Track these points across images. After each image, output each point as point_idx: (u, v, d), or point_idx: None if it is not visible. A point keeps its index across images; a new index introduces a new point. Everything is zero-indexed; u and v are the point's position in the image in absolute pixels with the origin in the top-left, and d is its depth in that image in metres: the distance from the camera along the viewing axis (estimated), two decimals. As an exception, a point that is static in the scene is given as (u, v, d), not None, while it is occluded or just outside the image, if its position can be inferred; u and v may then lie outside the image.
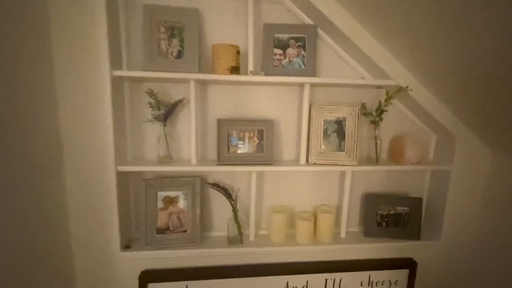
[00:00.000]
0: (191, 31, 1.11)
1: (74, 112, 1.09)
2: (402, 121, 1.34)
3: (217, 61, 1.09)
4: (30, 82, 0.94)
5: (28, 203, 0.92)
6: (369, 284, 1.31)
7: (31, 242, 0.94)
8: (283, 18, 1.20)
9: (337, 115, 1.23)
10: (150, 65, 1.08)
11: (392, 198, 1.35)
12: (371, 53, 1.13)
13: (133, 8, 1.12)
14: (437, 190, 1.35)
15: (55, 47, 1.04)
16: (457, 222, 1.32)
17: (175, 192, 1.21)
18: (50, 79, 1.04)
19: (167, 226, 1.21)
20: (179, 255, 1.20)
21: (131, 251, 1.16)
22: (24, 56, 0.91)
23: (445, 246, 1.34)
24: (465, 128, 1.24)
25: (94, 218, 1.16)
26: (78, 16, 1.03)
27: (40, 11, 0.98)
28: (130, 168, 1.11)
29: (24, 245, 0.91)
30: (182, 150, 1.25)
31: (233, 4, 1.17)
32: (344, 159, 1.22)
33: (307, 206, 1.37)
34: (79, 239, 1.17)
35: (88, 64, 1.06)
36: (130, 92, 1.17)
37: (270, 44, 1.17)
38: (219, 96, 1.23)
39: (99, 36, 1.02)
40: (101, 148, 1.11)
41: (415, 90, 1.17)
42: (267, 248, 1.24)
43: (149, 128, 1.20)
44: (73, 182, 1.13)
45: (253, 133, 1.21)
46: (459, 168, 1.27)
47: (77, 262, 1.18)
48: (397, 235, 1.33)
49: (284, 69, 1.18)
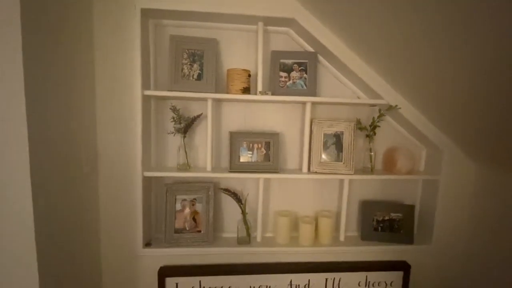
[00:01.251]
0: (210, 57, 1.30)
1: (109, 125, 1.27)
2: (395, 135, 1.49)
3: (231, 83, 1.28)
4: (77, 100, 1.13)
5: (68, 205, 1.07)
6: (366, 285, 1.42)
7: (66, 239, 1.08)
8: (288, 46, 1.39)
9: (335, 129, 1.40)
10: (175, 86, 1.26)
11: (387, 205, 1.49)
12: (363, 76, 1.31)
13: (161, 37, 1.32)
14: (428, 198, 1.48)
15: (98, 69, 1.24)
16: (446, 227, 1.44)
17: (191, 196, 1.37)
18: (92, 98, 1.23)
19: (184, 226, 1.35)
20: (193, 253, 1.34)
21: (152, 248, 1.30)
22: (74, 77, 1.10)
23: (436, 250, 1.45)
24: (450, 143, 1.39)
25: (120, 218, 1.32)
26: (118, 42, 1.23)
27: (86, 36, 1.18)
28: (155, 174, 1.28)
29: (61, 240, 1.04)
30: (198, 159, 1.41)
31: (245, 35, 1.37)
32: (342, 169, 1.37)
33: (309, 211, 1.51)
34: (107, 237, 1.32)
35: (123, 85, 1.26)
36: (155, 108, 1.36)
37: (277, 68, 1.35)
38: (231, 112, 1.41)
39: (134, 60, 1.21)
40: (130, 156, 1.29)
41: (404, 109, 1.33)
42: (272, 248, 1.37)
43: (170, 139, 1.38)
44: (104, 186, 1.30)
45: (261, 144, 1.38)
46: (446, 178, 1.41)
47: (103, 257, 1.33)
48: (392, 239, 1.45)
49: (289, 90, 1.36)
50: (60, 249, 1.03)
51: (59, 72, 1.00)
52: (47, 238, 0.94)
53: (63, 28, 1.01)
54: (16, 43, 0.79)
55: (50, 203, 0.96)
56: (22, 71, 0.80)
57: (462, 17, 0.74)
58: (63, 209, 1.04)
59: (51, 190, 0.97)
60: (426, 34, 0.90)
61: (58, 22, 0.98)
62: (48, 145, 0.95)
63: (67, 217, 1.07)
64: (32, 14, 0.84)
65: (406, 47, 1.03)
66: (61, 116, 1.02)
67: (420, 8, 0.82)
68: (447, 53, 0.91)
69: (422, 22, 0.86)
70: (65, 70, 1.03)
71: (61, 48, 1.00)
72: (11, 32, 0.78)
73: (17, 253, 0.87)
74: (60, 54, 1.00)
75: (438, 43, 0.89)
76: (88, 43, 1.19)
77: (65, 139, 1.04)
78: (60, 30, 0.99)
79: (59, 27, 0.99)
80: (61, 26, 1.00)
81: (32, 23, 0.83)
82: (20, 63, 0.80)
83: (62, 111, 1.02)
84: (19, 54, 0.79)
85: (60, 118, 1.01)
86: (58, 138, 1.00)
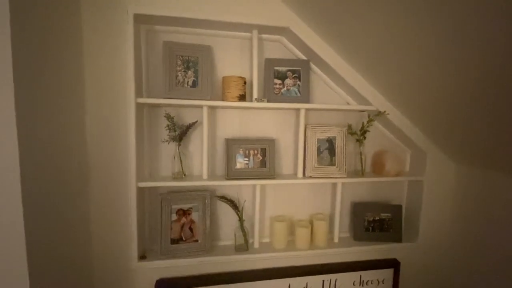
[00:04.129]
0: (204, 64, 1.29)
1: (100, 133, 1.21)
2: (381, 139, 1.57)
3: (227, 90, 1.27)
4: (66, 106, 1.06)
5: (57, 216, 1.00)
6: (360, 284, 1.48)
7: (55, 252, 1.00)
8: (281, 54, 1.41)
9: (328, 134, 1.44)
10: (170, 93, 1.24)
11: (377, 205, 1.55)
12: (354, 83, 1.36)
13: (153, 43, 1.29)
14: (414, 198, 1.57)
15: (87, 76, 1.17)
16: (431, 225, 1.54)
17: (187, 205, 1.34)
18: (81, 105, 1.17)
19: (180, 237, 1.32)
20: (191, 263, 1.30)
21: (148, 261, 1.26)
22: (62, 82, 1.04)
23: (422, 247, 1.54)
24: (433, 145, 1.49)
25: (112, 231, 1.26)
26: (108, 48, 1.18)
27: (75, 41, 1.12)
28: (150, 184, 1.24)
29: (50, 253, 0.97)
30: (192, 167, 1.39)
31: (238, 41, 1.37)
32: (335, 173, 1.42)
33: (303, 215, 1.54)
34: (99, 251, 1.25)
35: (114, 92, 1.20)
36: (148, 116, 1.32)
37: (271, 75, 1.37)
38: (226, 119, 1.41)
39: (126, 66, 1.17)
40: (122, 166, 1.23)
41: (392, 114, 1.41)
42: (271, 254, 1.38)
43: (163, 148, 1.34)
44: (95, 198, 1.23)
45: (257, 150, 1.38)
46: (430, 178, 1.50)
47: (96, 271, 1.25)
48: (382, 238, 1.52)
49: (283, 97, 1.38)
50: (51, 262, 0.96)
51: (48, 78, 0.94)
52: (37, 249, 0.87)
53: (50, 31, 0.95)
54: (5, 49, 0.73)
55: (41, 213, 0.90)
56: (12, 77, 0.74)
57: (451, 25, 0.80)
58: (53, 220, 0.97)
59: (40, 201, 0.90)
60: (415, 44, 0.96)
61: (45, 26, 0.92)
62: (37, 152, 0.88)
63: (58, 229, 1.00)
64: (20, 16, 0.78)
65: (395, 56, 1.09)
66: (51, 121, 0.95)
67: (411, 20, 0.88)
68: (434, 61, 0.98)
69: (411, 32, 0.92)
70: (53, 75, 0.97)
71: (49, 53, 0.94)
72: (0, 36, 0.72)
73: (7, 265, 0.80)
74: (48, 58, 0.94)
75: (427, 51, 0.96)
76: (77, 49, 1.13)
77: (54, 145, 0.98)
78: (47, 34, 0.93)
79: (47, 32, 0.93)
80: (49, 30, 0.94)
81: (19, 25, 0.78)
82: (10, 68, 0.74)
83: (52, 117, 0.96)
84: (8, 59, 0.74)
85: (49, 123, 0.94)
86: (48, 144, 0.94)
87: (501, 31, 0.70)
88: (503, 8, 0.65)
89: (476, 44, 0.79)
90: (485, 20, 0.70)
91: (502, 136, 1.06)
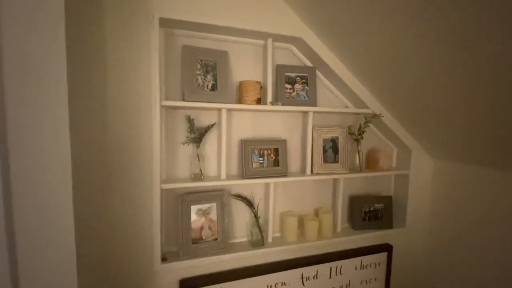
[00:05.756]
0: (222, 68, 1.34)
1: (123, 136, 1.19)
2: (373, 138, 1.77)
3: (246, 94, 1.35)
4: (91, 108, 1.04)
5: (90, 216, 0.99)
6: (361, 268, 1.65)
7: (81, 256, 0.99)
8: (289, 60, 1.53)
9: (332, 135, 1.59)
10: (191, 96, 1.27)
11: (371, 197, 1.75)
12: (354, 88, 1.53)
13: (170, 47, 1.31)
14: (400, 189, 1.80)
15: (110, 76, 1.15)
16: (416, 212, 1.78)
17: (206, 205, 1.38)
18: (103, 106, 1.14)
19: (200, 236, 1.35)
20: (212, 261, 1.34)
21: (170, 263, 1.27)
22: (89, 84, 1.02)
23: (409, 232, 1.77)
24: (416, 143, 1.73)
25: (134, 234, 1.24)
26: (132, 51, 1.17)
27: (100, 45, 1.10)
28: (172, 186, 1.25)
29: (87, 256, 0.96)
30: (208, 168, 1.43)
31: (252, 48, 1.45)
32: (339, 169, 1.57)
33: (308, 209, 1.67)
34: (121, 254, 1.22)
35: (137, 95, 1.20)
36: (166, 118, 1.33)
37: (282, 80, 1.48)
38: (240, 121, 1.47)
39: (152, 70, 1.17)
40: (145, 168, 1.23)
41: (385, 116, 1.61)
42: (284, 246, 1.47)
43: (180, 149, 1.36)
44: (119, 201, 1.20)
45: (270, 150, 1.47)
46: (414, 172, 1.74)
47: (119, 275, 1.22)
48: (377, 226, 1.71)
49: (293, 100, 1.49)
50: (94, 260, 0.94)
51: (79, 82, 0.92)
52: (84, 246, 0.86)
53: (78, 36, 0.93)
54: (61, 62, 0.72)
55: (81, 214, 0.88)
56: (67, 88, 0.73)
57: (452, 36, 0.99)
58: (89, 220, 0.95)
59: (80, 200, 0.88)
60: (409, 57, 1.14)
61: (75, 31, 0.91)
62: (77, 153, 0.86)
63: (96, 229, 0.98)
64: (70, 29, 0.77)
65: (392, 65, 1.27)
66: (82, 123, 0.93)
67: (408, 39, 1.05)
68: (426, 73, 1.17)
69: (407, 47, 1.10)
70: (83, 78, 0.95)
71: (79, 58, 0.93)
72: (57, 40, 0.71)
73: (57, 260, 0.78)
74: (81, 63, 0.92)
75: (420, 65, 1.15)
76: (101, 52, 1.11)
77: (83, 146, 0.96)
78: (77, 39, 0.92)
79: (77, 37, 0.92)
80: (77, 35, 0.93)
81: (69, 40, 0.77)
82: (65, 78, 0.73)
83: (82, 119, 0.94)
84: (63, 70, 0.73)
85: (81, 125, 0.93)
86: (84, 144, 0.92)
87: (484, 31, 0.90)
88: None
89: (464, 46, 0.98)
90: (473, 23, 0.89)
91: (475, 133, 1.30)
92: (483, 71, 0.97)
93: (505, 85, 0.96)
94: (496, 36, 0.83)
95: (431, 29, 0.95)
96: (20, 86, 0.67)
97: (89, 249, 1.00)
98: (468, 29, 0.86)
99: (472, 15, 0.81)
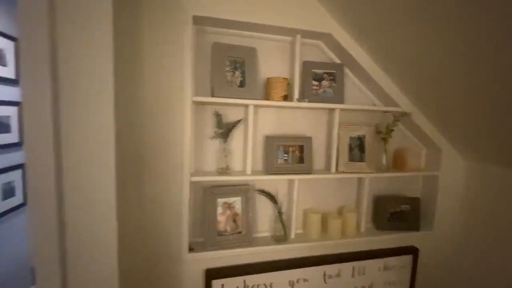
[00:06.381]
0: (251, 65, 1.36)
1: (154, 130, 1.24)
2: (400, 137, 1.71)
3: (273, 90, 1.35)
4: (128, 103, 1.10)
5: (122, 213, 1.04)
6: (385, 269, 1.62)
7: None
8: (317, 57, 1.51)
9: (358, 133, 1.56)
10: (220, 92, 1.30)
11: (397, 198, 1.70)
12: (384, 86, 1.49)
13: (200, 43, 1.34)
14: (428, 191, 1.74)
15: (146, 73, 1.20)
16: (445, 215, 1.71)
17: (231, 199, 1.41)
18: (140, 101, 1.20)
19: (225, 229, 1.39)
20: (236, 253, 1.38)
21: (197, 253, 1.31)
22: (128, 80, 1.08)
23: (437, 235, 1.71)
24: (447, 143, 1.66)
25: (164, 225, 1.30)
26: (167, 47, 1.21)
27: (137, 42, 1.16)
28: (201, 179, 1.29)
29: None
30: (234, 162, 1.46)
31: (279, 44, 1.45)
32: (365, 168, 1.55)
33: (332, 207, 1.66)
34: (153, 243, 1.28)
35: (170, 90, 1.23)
36: (195, 114, 1.37)
37: (310, 77, 1.47)
38: (265, 117, 1.49)
39: (185, 66, 1.21)
40: (175, 162, 1.27)
41: (414, 115, 1.56)
42: (307, 243, 1.48)
43: (207, 143, 1.40)
44: (152, 193, 1.26)
45: (295, 147, 1.48)
46: (444, 173, 1.67)
47: (149, 263, 1.29)
48: (402, 227, 1.67)
49: (320, 97, 1.48)
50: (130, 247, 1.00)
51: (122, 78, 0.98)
52: (123, 235, 0.92)
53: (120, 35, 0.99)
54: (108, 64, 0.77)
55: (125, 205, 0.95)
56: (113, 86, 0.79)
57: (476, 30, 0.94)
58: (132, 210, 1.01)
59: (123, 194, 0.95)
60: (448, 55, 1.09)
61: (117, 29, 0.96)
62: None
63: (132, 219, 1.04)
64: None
65: (429, 65, 1.22)
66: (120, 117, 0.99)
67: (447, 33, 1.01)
68: (465, 70, 1.12)
69: (447, 43, 1.05)
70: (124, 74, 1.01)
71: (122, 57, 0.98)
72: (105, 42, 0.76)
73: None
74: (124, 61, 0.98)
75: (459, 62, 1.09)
76: (138, 49, 1.16)
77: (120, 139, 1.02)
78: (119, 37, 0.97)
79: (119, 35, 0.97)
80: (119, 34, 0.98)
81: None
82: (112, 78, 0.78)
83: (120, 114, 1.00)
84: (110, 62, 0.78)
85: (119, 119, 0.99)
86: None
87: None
88: None
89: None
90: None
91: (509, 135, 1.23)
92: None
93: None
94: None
95: (467, 27, 0.91)
96: (71, 90, 0.73)
97: (128, 238, 1.06)
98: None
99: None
